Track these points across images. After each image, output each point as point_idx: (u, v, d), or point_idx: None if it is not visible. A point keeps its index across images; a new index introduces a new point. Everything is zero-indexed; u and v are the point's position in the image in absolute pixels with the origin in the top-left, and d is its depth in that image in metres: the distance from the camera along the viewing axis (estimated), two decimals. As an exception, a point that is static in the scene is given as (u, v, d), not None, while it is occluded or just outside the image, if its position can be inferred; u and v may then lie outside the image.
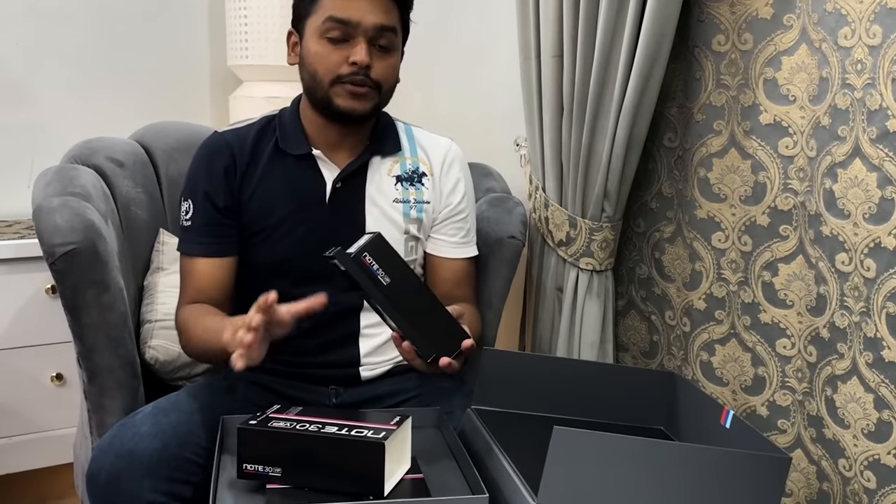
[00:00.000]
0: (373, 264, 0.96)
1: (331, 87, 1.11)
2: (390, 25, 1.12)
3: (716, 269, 1.32)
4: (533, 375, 1.17)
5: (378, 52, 1.12)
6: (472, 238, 1.29)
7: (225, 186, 1.17)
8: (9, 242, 1.67)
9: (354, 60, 1.09)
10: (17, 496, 1.78)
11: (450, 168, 1.25)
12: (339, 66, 1.10)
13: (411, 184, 1.22)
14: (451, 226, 1.25)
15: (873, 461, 1.07)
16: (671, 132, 1.37)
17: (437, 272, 1.25)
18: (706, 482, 0.89)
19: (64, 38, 1.96)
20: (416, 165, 1.23)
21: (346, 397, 1.20)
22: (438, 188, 1.24)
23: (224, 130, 1.22)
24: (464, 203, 1.26)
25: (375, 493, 0.91)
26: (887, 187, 1.02)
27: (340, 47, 1.10)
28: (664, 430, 1.20)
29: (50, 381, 1.73)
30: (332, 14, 1.09)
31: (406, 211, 1.21)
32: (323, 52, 1.11)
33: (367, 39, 1.10)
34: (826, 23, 1.09)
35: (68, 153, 1.40)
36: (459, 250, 1.26)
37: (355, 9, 1.09)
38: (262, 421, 0.95)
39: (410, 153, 1.24)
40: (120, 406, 1.20)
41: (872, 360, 1.06)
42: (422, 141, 1.26)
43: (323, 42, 1.11)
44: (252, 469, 0.93)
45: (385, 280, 0.96)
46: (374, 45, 1.11)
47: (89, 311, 1.16)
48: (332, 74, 1.11)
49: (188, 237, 1.19)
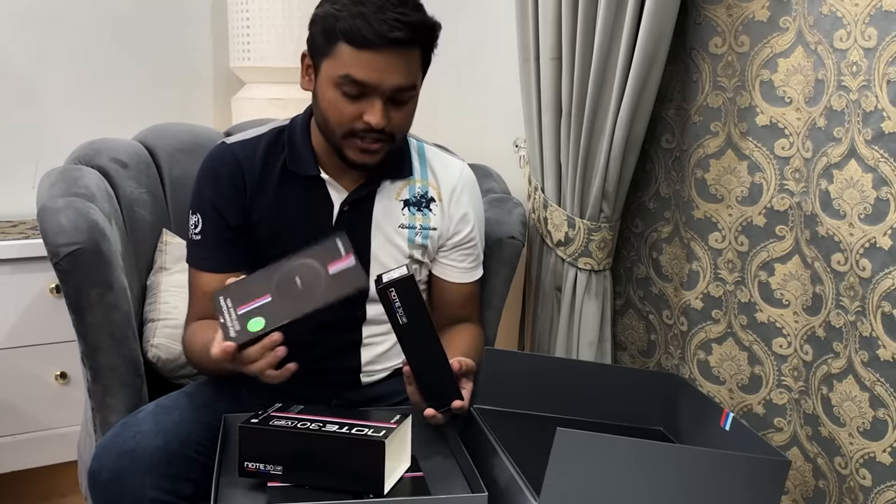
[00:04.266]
0: (395, 301, 0.98)
1: (343, 138, 1.07)
2: (409, 85, 1.06)
3: (713, 269, 1.33)
4: (533, 375, 1.17)
5: (394, 106, 1.06)
6: (479, 262, 1.28)
7: (235, 201, 1.14)
8: (14, 242, 1.68)
9: (369, 121, 1.04)
10: (21, 494, 1.79)
11: (460, 196, 1.22)
12: (353, 122, 1.05)
13: (419, 209, 1.19)
14: (460, 252, 1.24)
15: (869, 459, 1.08)
16: (669, 133, 1.38)
17: (443, 295, 1.25)
18: (706, 484, 0.90)
19: (68, 41, 1.98)
20: (426, 189, 1.20)
21: (347, 397, 1.21)
22: (447, 214, 1.22)
23: (232, 142, 1.18)
24: (474, 232, 1.25)
25: (376, 492, 0.91)
26: (882, 188, 1.03)
27: (356, 102, 1.04)
28: (663, 430, 1.20)
29: (54, 380, 1.74)
30: (349, 73, 1.02)
31: (411, 237, 1.19)
32: (338, 105, 1.05)
33: (384, 99, 1.04)
34: (822, 25, 1.10)
35: (72, 154, 1.41)
36: (467, 275, 1.26)
37: (374, 70, 1.01)
38: (264, 420, 0.96)
39: (421, 176, 1.21)
40: (123, 404, 1.21)
41: (868, 359, 1.07)
42: (433, 164, 1.22)
43: (338, 94, 1.04)
44: (253, 467, 0.93)
45: (402, 320, 0.99)
46: (391, 102, 1.06)
47: (93, 311, 1.17)
48: (345, 128, 1.06)
49: (197, 251, 1.16)
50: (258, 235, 1.16)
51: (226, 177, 1.14)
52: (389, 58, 1.02)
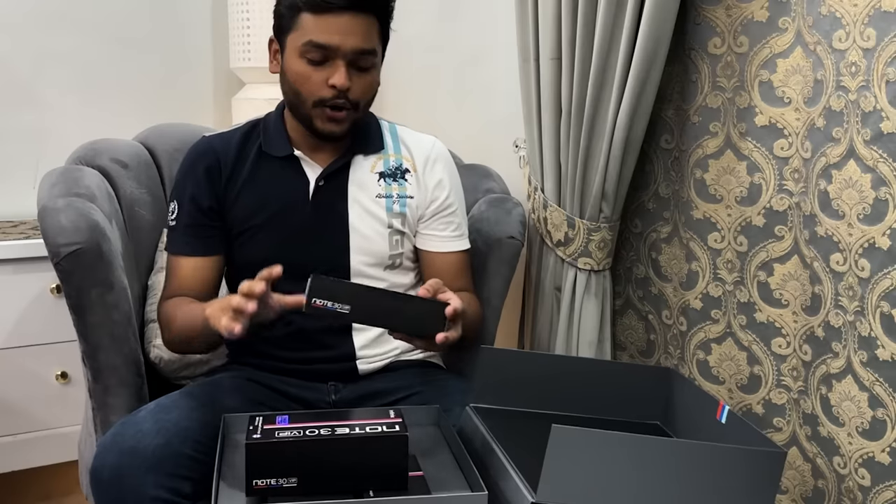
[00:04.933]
0: (326, 303, 0.98)
1: (312, 107, 1.14)
2: (369, 48, 1.13)
3: (712, 269, 1.33)
4: (531, 373, 1.18)
5: (357, 72, 1.13)
6: (463, 232, 1.31)
7: (209, 189, 1.20)
8: (14, 243, 1.68)
9: (334, 84, 1.11)
10: (22, 493, 1.79)
11: (434, 164, 1.27)
12: (320, 89, 1.13)
13: (394, 179, 1.24)
14: (440, 221, 1.27)
15: (868, 459, 1.08)
16: (668, 134, 1.39)
17: (433, 267, 1.27)
18: (702, 477, 0.90)
19: (68, 42, 1.98)
20: (400, 162, 1.26)
21: (345, 393, 1.22)
22: (423, 183, 1.26)
23: (210, 135, 1.26)
24: (451, 198, 1.28)
25: (399, 486, 0.92)
26: (881, 188, 1.03)
27: (320, 69, 1.12)
28: (660, 425, 1.21)
29: (55, 380, 1.74)
30: (311, 38, 1.11)
31: (389, 206, 1.23)
32: (304, 73, 1.13)
33: (346, 62, 1.12)
34: (821, 26, 1.10)
35: (73, 154, 1.42)
36: (452, 244, 1.28)
37: (334, 33, 1.10)
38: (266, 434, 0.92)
39: (394, 150, 1.27)
40: (124, 404, 1.21)
41: (867, 359, 1.07)
42: (405, 139, 1.28)
43: (303, 62, 1.12)
44: (263, 484, 0.90)
45: (345, 309, 0.98)
46: (354, 66, 1.13)
47: (94, 311, 1.18)
48: (313, 97, 1.13)
49: (174, 237, 1.23)
50: (235, 216, 1.21)
51: (201, 166, 1.21)
52: (348, 21, 1.10)
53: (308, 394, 1.21)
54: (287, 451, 0.91)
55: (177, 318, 1.16)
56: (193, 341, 1.17)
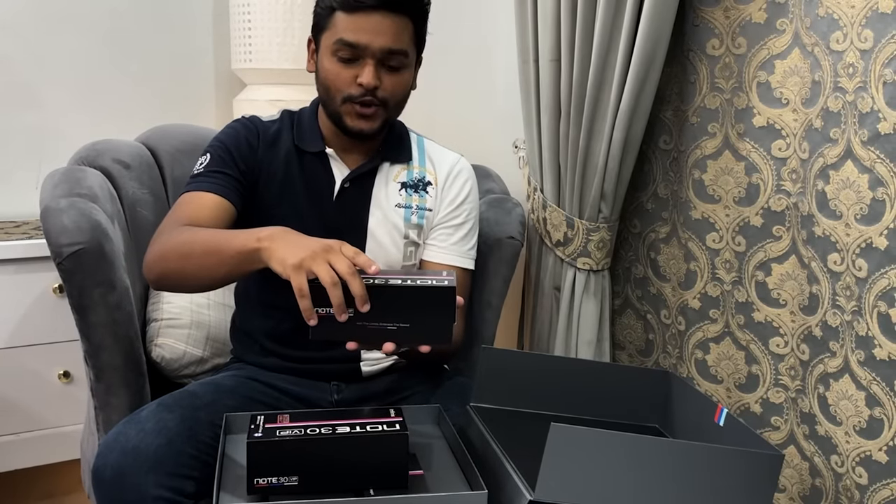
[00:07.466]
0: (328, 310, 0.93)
1: (342, 104, 1.15)
2: (399, 49, 1.13)
3: (710, 269, 1.34)
4: (531, 374, 1.18)
5: (387, 71, 1.14)
6: (467, 250, 1.28)
7: (248, 154, 1.19)
8: (17, 243, 1.69)
9: (361, 82, 1.12)
10: (25, 492, 1.80)
11: (455, 178, 1.27)
12: (348, 86, 1.13)
13: (415, 191, 1.25)
14: (443, 229, 1.26)
15: (865, 457, 1.09)
16: (666, 135, 1.39)
17: None
18: (700, 478, 0.91)
19: (70, 42, 1.99)
20: (423, 175, 1.26)
21: (347, 393, 1.23)
22: (442, 196, 1.26)
23: (253, 116, 1.26)
24: (463, 210, 1.26)
25: (400, 485, 0.93)
26: (878, 188, 1.03)
27: (350, 67, 1.13)
28: (659, 427, 1.21)
29: (57, 379, 1.75)
30: (342, 37, 1.11)
31: (407, 216, 1.23)
32: (334, 70, 1.14)
33: (375, 61, 1.12)
34: (818, 27, 1.11)
35: (75, 155, 1.42)
36: (451, 257, 1.25)
37: (364, 32, 1.11)
38: (268, 432, 0.93)
39: (419, 163, 1.27)
40: (126, 403, 1.22)
41: (864, 359, 1.07)
42: (431, 153, 1.29)
43: (334, 60, 1.13)
44: (264, 482, 0.91)
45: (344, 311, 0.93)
46: (384, 65, 1.13)
47: (96, 310, 1.18)
48: (342, 93, 1.14)
49: (196, 179, 1.16)
50: (260, 198, 1.19)
51: (245, 136, 1.21)
52: (379, 20, 1.11)
53: (310, 393, 1.21)
54: (288, 449, 0.91)
55: (201, 233, 1.06)
56: (207, 259, 1.03)
